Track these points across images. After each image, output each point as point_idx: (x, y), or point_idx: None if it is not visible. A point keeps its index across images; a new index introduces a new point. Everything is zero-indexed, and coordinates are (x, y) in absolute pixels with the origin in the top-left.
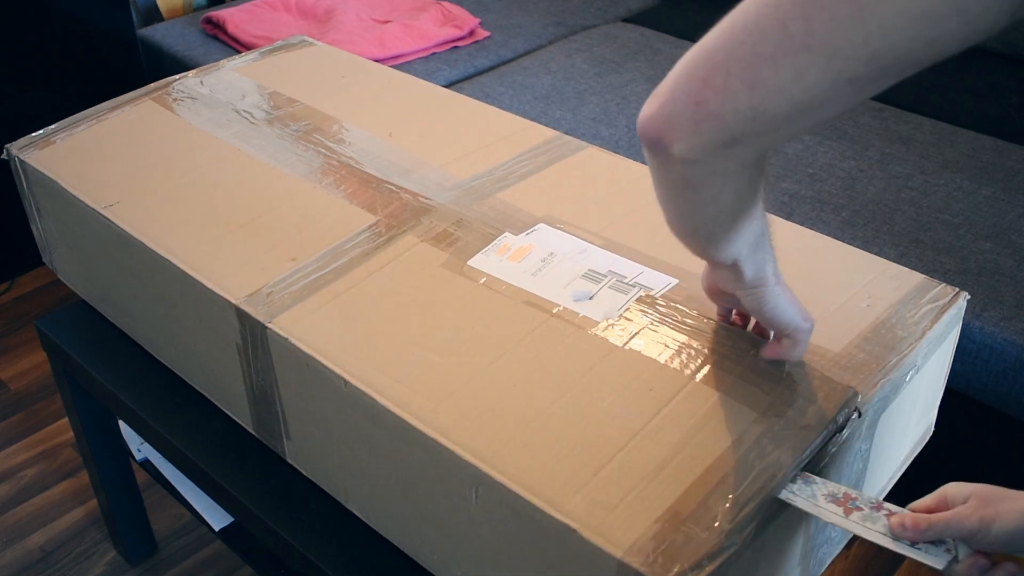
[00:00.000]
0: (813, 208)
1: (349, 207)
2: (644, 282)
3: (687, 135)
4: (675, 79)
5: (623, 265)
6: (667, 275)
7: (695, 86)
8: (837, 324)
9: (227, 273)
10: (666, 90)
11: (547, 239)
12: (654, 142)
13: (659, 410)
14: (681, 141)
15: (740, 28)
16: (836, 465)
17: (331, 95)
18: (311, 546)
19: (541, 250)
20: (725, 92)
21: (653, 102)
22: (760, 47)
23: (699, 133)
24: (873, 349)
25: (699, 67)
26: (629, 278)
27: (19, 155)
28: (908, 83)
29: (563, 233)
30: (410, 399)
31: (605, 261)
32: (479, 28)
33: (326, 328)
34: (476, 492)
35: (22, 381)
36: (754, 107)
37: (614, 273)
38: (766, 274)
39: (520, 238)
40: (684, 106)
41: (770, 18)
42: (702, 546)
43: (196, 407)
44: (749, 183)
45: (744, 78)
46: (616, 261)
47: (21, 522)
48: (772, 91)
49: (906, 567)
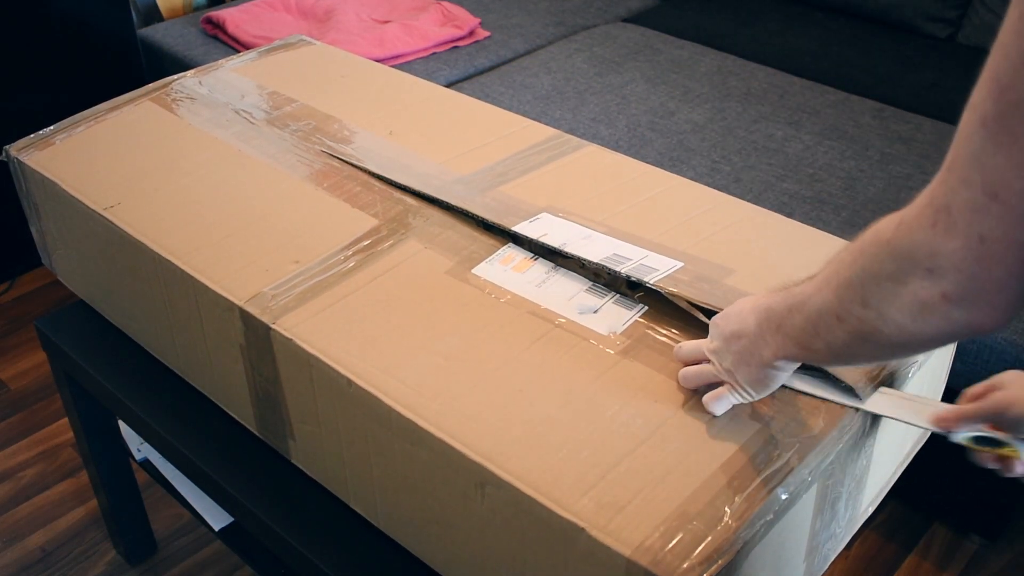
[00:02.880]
0: (813, 208)
1: (351, 210)
2: (650, 264)
3: (1005, 309)
4: (987, 256)
5: (627, 249)
6: (671, 259)
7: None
8: None
9: (230, 275)
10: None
11: (550, 226)
12: (975, 329)
13: (665, 420)
14: (1000, 315)
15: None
16: (842, 462)
17: (331, 95)
18: (311, 546)
19: (544, 264)
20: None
21: (978, 294)
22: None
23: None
24: None
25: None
26: (634, 260)
27: (18, 156)
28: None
29: (566, 221)
30: (415, 400)
31: (609, 246)
32: (479, 28)
33: (330, 330)
34: (483, 492)
35: (22, 381)
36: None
37: (619, 257)
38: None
39: (523, 250)
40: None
41: None
42: (710, 544)
43: (196, 407)
44: None
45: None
46: (620, 246)
47: (21, 522)
48: None
49: (906, 567)
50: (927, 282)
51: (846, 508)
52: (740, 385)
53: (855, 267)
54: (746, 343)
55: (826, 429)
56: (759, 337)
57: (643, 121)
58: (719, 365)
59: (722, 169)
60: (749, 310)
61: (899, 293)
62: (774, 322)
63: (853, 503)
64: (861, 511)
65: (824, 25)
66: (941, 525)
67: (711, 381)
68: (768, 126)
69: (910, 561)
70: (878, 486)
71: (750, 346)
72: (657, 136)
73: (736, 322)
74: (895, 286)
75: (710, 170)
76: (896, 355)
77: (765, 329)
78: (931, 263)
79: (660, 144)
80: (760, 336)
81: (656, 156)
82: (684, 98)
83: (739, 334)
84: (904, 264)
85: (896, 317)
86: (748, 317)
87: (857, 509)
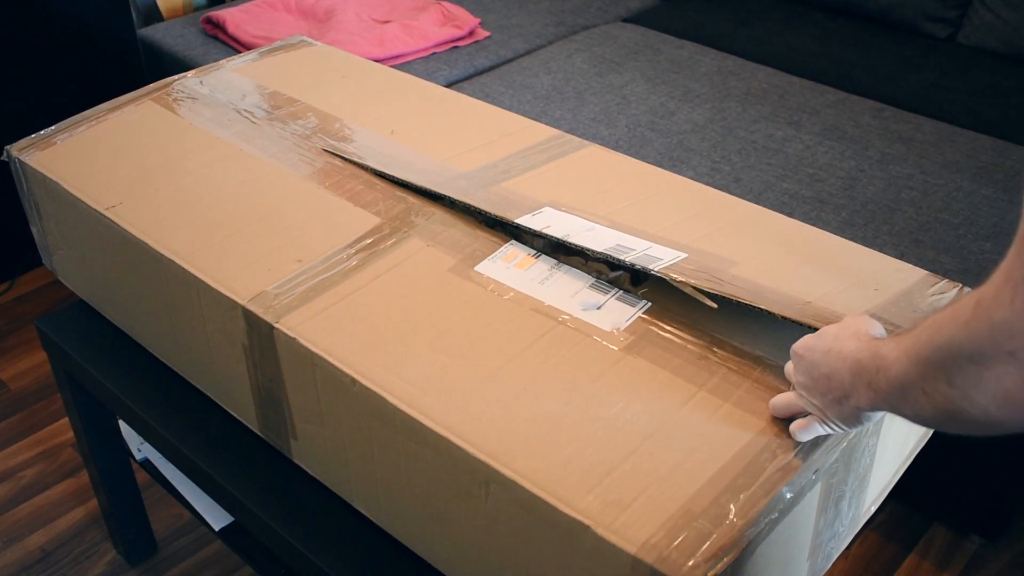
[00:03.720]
0: (813, 208)
1: (353, 209)
2: (653, 254)
3: None
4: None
5: (630, 241)
6: (675, 250)
7: None
8: (846, 304)
9: (232, 274)
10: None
11: (553, 219)
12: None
13: (669, 417)
14: None
15: None
16: (846, 461)
17: (332, 95)
18: (311, 546)
19: (546, 261)
20: None
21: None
22: None
23: None
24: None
25: None
26: (638, 251)
27: (19, 156)
28: (908, 83)
29: (568, 215)
30: (420, 399)
31: (612, 238)
32: (479, 28)
33: (333, 329)
34: (487, 490)
35: (22, 381)
36: None
37: (623, 248)
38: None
39: (526, 247)
40: None
41: None
42: (715, 542)
43: (196, 407)
44: None
45: None
46: (623, 237)
47: (21, 522)
48: None
49: (906, 567)
50: (1011, 367)
51: (849, 507)
52: (830, 420)
53: (933, 346)
54: (838, 392)
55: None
56: (852, 388)
57: (643, 121)
58: (808, 399)
59: (722, 169)
60: (840, 356)
61: (983, 377)
62: (865, 378)
63: (856, 502)
64: (864, 510)
65: (824, 25)
66: (941, 525)
67: (799, 412)
68: (768, 126)
69: (910, 561)
70: (881, 485)
71: (842, 394)
72: (657, 136)
73: (827, 366)
74: (978, 369)
75: (710, 170)
76: (989, 434)
77: (858, 382)
78: (1013, 345)
79: (660, 144)
80: (853, 387)
81: (656, 156)
82: (684, 98)
83: (830, 379)
84: (985, 348)
85: (981, 402)
86: (840, 365)
87: (860, 508)
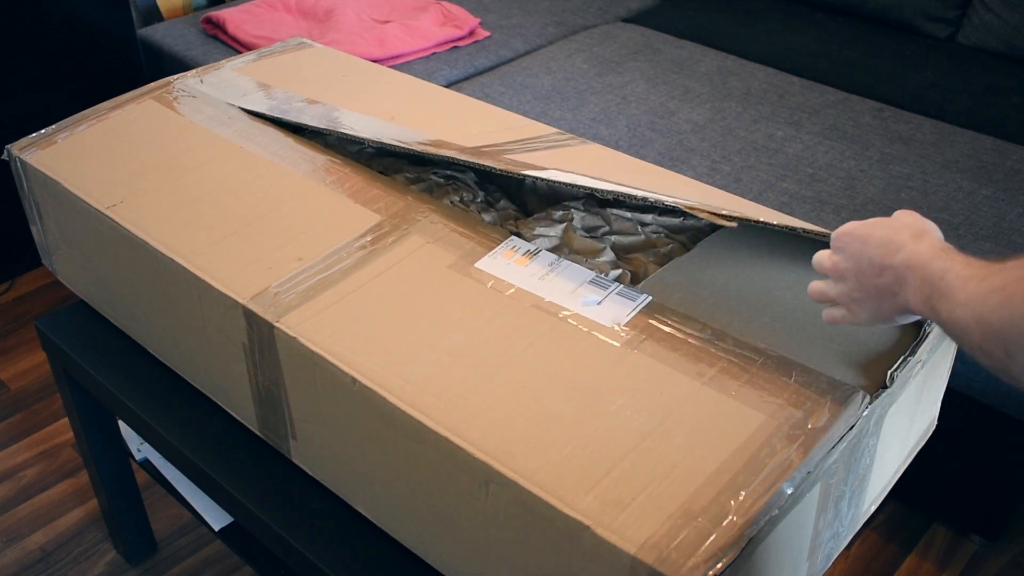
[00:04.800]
0: (813, 208)
1: (353, 206)
2: (664, 199)
3: None
4: None
5: (639, 192)
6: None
7: None
8: None
9: (233, 273)
10: None
11: (559, 176)
12: None
13: (669, 413)
14: None
15: None
16: (845, 460)
17: (332, 93)
18: (311, 546)
19: (546, 256)
20: None
21: None
22: None
23: None
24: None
25: None
26: (650, 197)
27: (20, 155)
28: (908, 83)
29: (575, 175)
30: (420, 398)
31: (622, 190)
32: (479, 28)
33: (334, 328)
34: (487, 490)
35: (22, 381)
36: None
37: (634, 194)
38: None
39: (526, 244)
40: None
41: None
42: (715, 541)
43: (196, 407)
44: None
45: None
46: (632, 190)
47: (21, 522)
48: None
49: (906, 567)
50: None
51: (849, 507)
52: (859, 314)
53: (1000, 315)
54: (888, 287)
55: (829, 424)
56: (910, 291)
57: (643, 121)
58: (843, 288)
59: (722, 169)
60: (903, 251)
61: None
62: (926, 290)
63: (856, 502)
64: (863, 510)
65: (824, 25)
66: (941, 525)
67: (830, 300)
68: (768, 126)
69: (910, 561)
70: (880, 485)
71: (892, 291)
72: (657, 136)
73: (882, 258)
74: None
75: (710, 170)
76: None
77: (919, 288)
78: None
79: (660, 144)
80: (913, 289)
81: (656, 156)
82: (684, 98)
83: (883, 271)
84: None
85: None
86: (899, 262)
87: (859, 508)
